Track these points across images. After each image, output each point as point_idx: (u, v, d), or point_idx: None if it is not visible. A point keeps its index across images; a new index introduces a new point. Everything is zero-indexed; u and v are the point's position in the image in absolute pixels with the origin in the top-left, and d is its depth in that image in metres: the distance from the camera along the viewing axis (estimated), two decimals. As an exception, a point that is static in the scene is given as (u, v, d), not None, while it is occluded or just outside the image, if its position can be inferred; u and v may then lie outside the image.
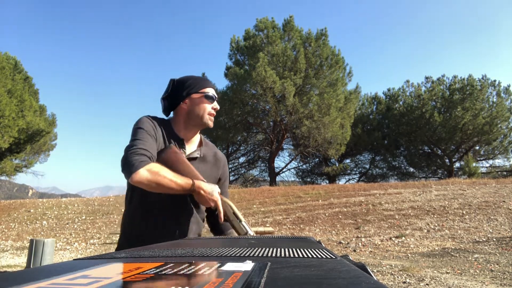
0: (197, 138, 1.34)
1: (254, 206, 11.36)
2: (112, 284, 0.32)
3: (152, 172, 1.07)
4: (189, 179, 1.13)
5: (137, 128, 1.18)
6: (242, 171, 23.81)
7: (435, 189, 11.40)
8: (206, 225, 1.53)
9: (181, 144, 1.27)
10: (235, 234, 1.31)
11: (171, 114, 1.34)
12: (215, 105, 1.30)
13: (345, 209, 10.16)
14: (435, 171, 21.63)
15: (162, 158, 1.16)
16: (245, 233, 1.23)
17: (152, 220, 1.21)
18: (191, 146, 1.31)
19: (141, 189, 1.15)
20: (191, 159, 1.27)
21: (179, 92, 1.28)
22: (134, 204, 1.24)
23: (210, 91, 1.29)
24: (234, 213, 1.23)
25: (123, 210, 1.33)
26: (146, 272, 0.38)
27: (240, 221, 1.24)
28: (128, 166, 1.07)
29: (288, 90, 15.79)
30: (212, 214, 1.38)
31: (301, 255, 0.52)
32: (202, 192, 1.14)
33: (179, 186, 1.11)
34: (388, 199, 10.81)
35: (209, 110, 1.28)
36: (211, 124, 1.29)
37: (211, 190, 1.16)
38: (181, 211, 1.25)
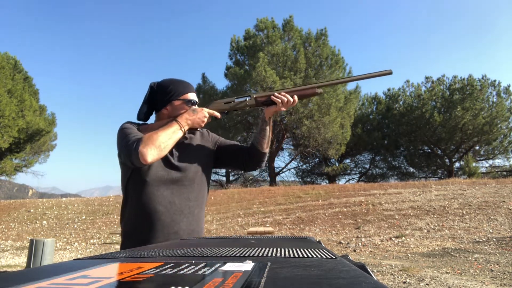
0: None
1: (254, 206, 11.36)
2: (112, 284, 0.32)
3: (149, 141, 1.10)
4: (172, 122, 1.19)
5: (122, 130, 1.21)
6: (242, 171, 23.79)
7: (435, 189, 11.40)
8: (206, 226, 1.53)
9: None
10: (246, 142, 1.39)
11: (151, 119, 1.36)
12: None
13: (345, 209, 10.16)
14: (435, 171, 21.63)
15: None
16: (242, 101, 1.30)
17: (152, 212, 1.20)
18: None
19: (136, 183, 1.19)
20: (178, 143, 1.28)
21: (160, 98, 1.28)
22: (132, 200, 1.23)
23: (191, 97, 1.30)
24: (228, 103, 1.31)
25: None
26: (146, 272, 0.38)
27: (231, 102, 1.31)
28: (131, 151, 1.09)
29: (288, 90, 15.79)
30: (231, 156, 1.39)
31: (301, 255, 0.52)
32: (188, 117, 1.20)
33: (172, 130, 1.15)
34: (388, 199, 10.81)
35: None
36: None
37: (192, 111, 1.22)
38: (181, 201, 1.24)
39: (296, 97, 1.27)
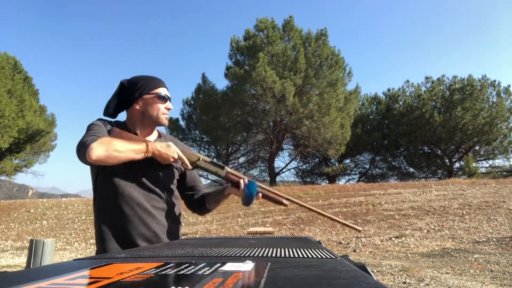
0: (154, 133, 1.36)
1: (254, 206, 11.37)
2: (112, 284, 0.32)
3: (105, 142, 1.07)
4: (143, 142, 1.15)
5: (88, 126, 1.21)
6: (242, 171, 23.80)
7: (435, 189, 11.40)
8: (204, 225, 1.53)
9: None
10: (208, 191, 1.38)
11: (117, 117, 1.34)
12: (168, 105, 1.31)
13: (345, 209, 10.17)
14: (435, 171, 21.63)
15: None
16: (218, 168, 1.25)
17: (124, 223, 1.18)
18: (150, 139, 1.31)
19: (105, 189, 1.18)
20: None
21: (130, 93, 1.27)
22: (100, 208, 1.23)
23: (163, 91, 1.28)
24: (198, 157, 1.25)
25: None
26: (146, 272, 0.38)
27: (206, 160, 1.26)
28: (82, 146, 1.07)
29: (288, 90, 15.80)
30: (183, 188, 1.40)
31: (301, 255, 0.52)
32: (159, 148, 1.15)
33: (137, 149, 1.11)
34: (388, 199, 10.81)
35: (162, 110, 1.28)
36: (166, 122, 1.31)
37: (166, 145, 1.18)
38: (155, 207, 1.23)
39: (260, 195, 1.24)
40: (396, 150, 21.65)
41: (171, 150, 1.17)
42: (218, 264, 0.42)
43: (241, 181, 1.24)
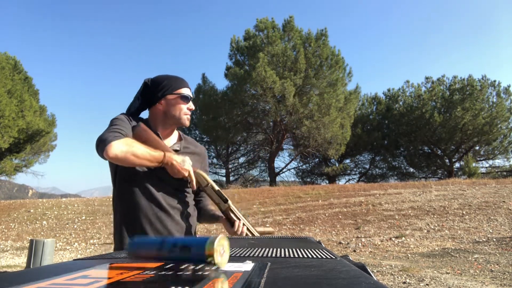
0: (175, 134, 1.37)
1: (254, 206, 11.36)
2: (112, 284, 0.32)
3: (126, 143, 1.09)
4: (161, 151, 1.16)
5: (112, 120, 1.22)
6: (242, 171, 23.81)
7: (435, 189, 11.39)
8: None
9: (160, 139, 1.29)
10: (211, 207, 1.40)
11: (142, 114, 1.35)
12: (190, 105, 1.32)
13: (345, 209, 10.16)
14: (435, 171, 21.63)
15: (133, 136, 1.19)
16: (221, 201, 1.27)
17: (142, 221, 1.20)
18: (170, 141, 1.33)
19: (124, 184, 1.20)
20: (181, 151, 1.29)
21: (154, 93, 1.28)
22: (121, 206, 1.24)
23: (185, 92, 1.29)
24: (208, 182, 1.27)
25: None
26: (146, 272, 0.38)
27: (214, 188, 1.27)
28: (102, 141, 1.09)
29: (288, 90, 15.80)
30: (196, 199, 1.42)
31: (301, 255, 0.52)
32: (174, 162, 1.16)
33: (153, 157, 1.13)
34: (388, 199, 10.81)
35: (184, 110, 1.29)
36: (187, 123, 1.32)
37: (182, 160, 1.19)
38: (172, 207, 1.24)
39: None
40: (396, 150, 21.65)
41: (185, 167, 1.19)
42: (218, 264, 0.42)
43: (236, 223, 1.28)
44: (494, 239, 6.80)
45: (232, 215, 1.28)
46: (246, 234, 1.29)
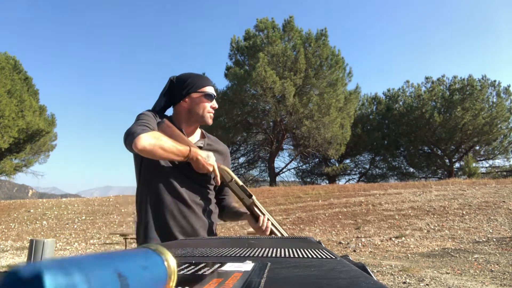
0: (198, 132, 1.39)
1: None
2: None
3: (154, 136, 1.11)
4: (186, 146, 1.18)
5: (138, 115, 1.24)
6: (242, 171, 23.79)
7: (435, 189, 11.39)
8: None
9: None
10: (234, 205, 1.41)
11: (167, 111, 1.37)
12: (214, 103, 1.33)
13: (345, 209, 10.17)
14: (435, 171, 21.64)
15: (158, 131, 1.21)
16: (245, 196, 1.26)
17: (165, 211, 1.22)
18: (193, 138, 1.35)
19: (149, 178, 1.21)
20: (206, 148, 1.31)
21: (178, 91, 1.30)
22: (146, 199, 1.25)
23: (209, 90, 1.31)
24: (232, 178, 1.27)
25: (123, 210, 1.33)
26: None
27: (238, 183, 1.28)
28: (131, 134, 1.11)
29: (288, 90, 15.80)
30: (219, 197, 1.43)
31: (301, 255, 0.52)
32: (199, 157, 1.18)
33: (179, 151, 1.14)
34: (388, 199, 10.81)
35: (208, 108, 1.31)
36: (210, 121, 1.33)
37: (207, 156, 1.20)
38: (195, 201, 1.26)
39: (267, 232, 1.28)
40: (396, 150, 21.66)
41: (210, 162, 1.20)
42: (218, 264, 0.42)
43: (261, 218, 1.27)
44: (494, 239, 6.80)
45: (256, 210, 1.28)
46: (271, 230, 1.28)
